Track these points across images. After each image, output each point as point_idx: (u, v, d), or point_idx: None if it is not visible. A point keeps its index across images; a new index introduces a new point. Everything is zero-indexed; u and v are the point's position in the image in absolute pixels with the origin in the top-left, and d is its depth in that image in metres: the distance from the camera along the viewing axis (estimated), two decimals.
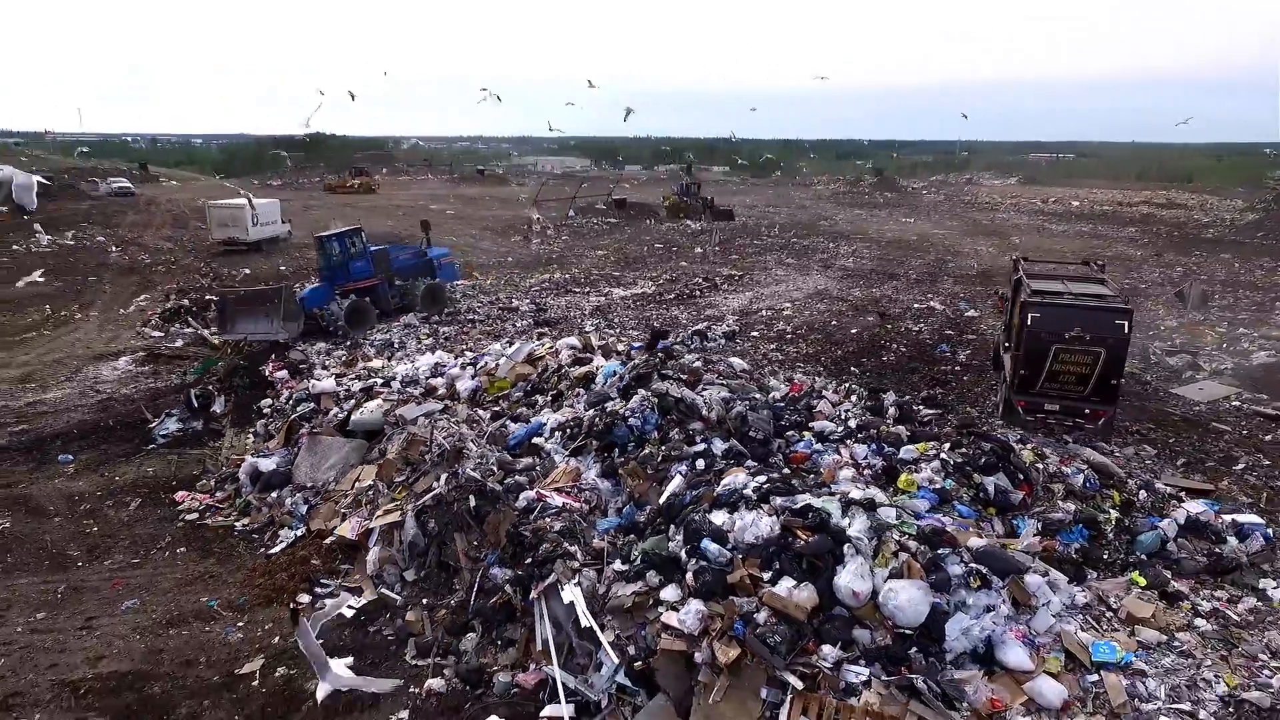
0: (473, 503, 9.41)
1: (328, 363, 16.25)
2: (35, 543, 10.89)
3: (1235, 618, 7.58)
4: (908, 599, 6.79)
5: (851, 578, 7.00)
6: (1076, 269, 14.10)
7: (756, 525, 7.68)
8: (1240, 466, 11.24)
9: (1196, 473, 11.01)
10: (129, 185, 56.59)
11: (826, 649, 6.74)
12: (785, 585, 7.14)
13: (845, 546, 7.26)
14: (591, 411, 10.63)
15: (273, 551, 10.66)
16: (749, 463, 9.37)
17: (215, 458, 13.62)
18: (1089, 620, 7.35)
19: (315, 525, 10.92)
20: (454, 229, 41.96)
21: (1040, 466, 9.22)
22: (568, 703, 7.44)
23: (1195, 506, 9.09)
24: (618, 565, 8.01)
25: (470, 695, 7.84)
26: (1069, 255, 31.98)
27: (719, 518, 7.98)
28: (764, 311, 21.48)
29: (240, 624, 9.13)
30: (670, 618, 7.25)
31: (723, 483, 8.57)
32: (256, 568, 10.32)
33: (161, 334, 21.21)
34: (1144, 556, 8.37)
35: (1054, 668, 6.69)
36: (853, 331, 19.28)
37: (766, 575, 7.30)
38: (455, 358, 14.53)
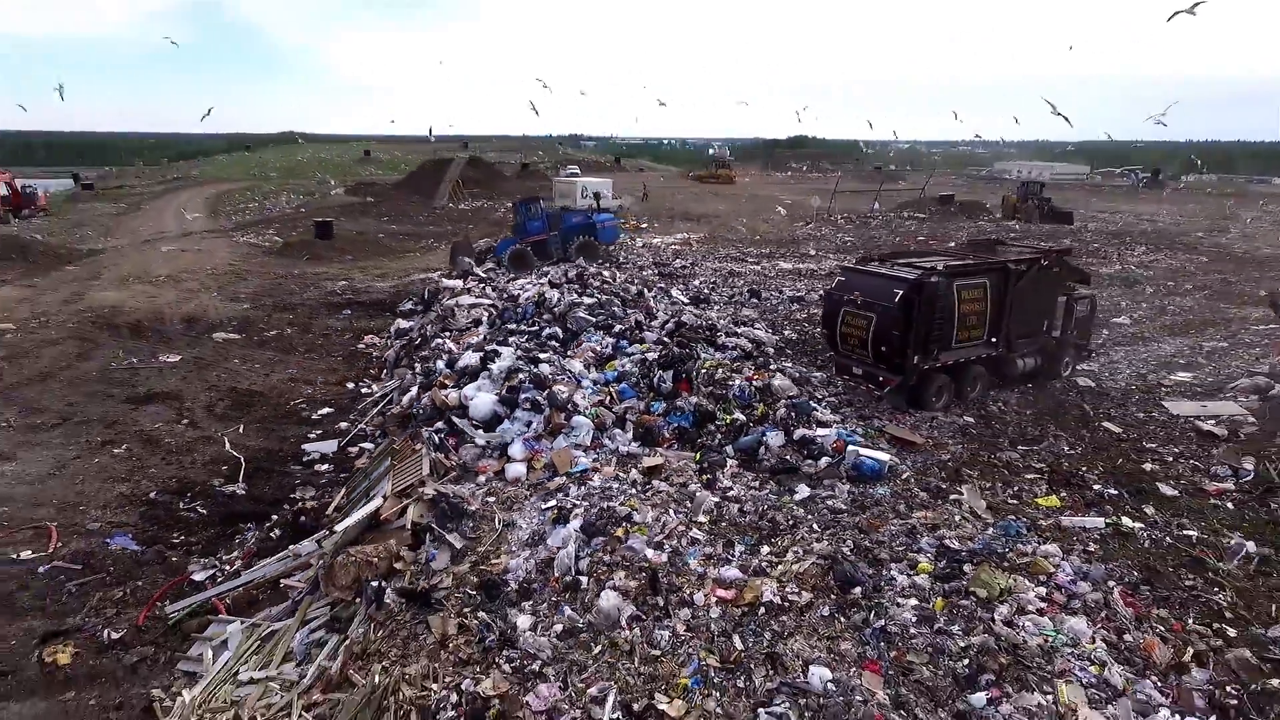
0: (417, 340, 15.25)
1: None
2: (288, 341, 20.02)
3: (733, 495, 9.30)
4: (478, 403, 10.62)
5: (470, 389, 11.03)
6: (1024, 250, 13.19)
7: (469, 359, 12.01)
8: (1039, 446, 10.78)
9: (991, 448, 10.86)
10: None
11: (439, 423, 10.95)
12: (451, 390, 11.45)
13: (483, 374, 11.21)
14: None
15: (363, 364, 18.01)
16: (554, 341, 13.30)
17: None
18: (621, 459, 10.01)
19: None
20: (762, 210, 46.77)
21: (704, 372, 11.19)
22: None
23: (824, 432, 10.14)
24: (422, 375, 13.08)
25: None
26: None
27: (467, 355, 12.44)
28: None
29: (314, 388, 16.51)
30: (403, 400, 12.17)
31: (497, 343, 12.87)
32: (354, 368, 17.75)
33: None
34: (731, 449, 10.17)
35: (538, 465, 9.85)
36: None
37: (451, 384, 11.66)
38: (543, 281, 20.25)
